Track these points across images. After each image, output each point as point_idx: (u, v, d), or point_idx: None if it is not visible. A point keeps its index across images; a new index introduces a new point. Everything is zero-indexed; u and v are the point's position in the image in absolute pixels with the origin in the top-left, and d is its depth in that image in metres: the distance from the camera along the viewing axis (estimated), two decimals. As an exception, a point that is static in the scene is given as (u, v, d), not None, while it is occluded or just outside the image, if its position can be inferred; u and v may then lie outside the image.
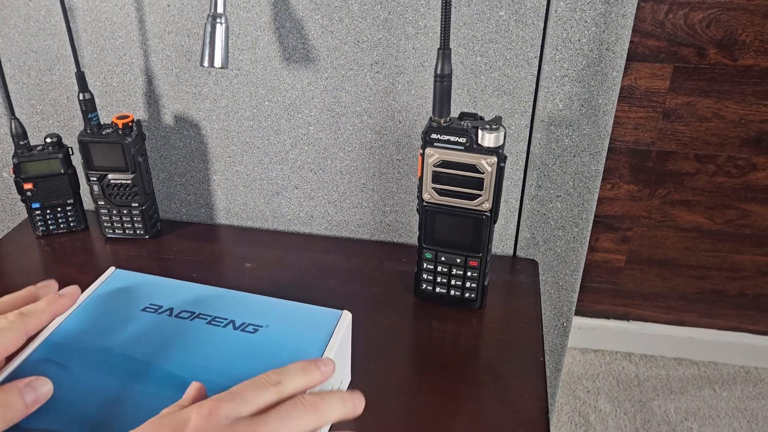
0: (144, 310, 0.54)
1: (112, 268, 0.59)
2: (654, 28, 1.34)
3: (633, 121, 1.45)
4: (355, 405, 0.44)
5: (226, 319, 0.53)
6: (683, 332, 1.75)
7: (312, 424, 0.40)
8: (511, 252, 0.81)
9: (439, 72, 0.58)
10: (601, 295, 1.73)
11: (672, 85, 1.40)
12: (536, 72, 0.70)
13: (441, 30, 0.56)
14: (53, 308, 0.46)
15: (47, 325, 0.46)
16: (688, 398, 1.65)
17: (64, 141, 0.80)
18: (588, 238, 0.79)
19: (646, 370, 1.73)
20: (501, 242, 0.81)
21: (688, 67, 1.37)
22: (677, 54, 1.36)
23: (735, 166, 1.48)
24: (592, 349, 1.80)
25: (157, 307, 0.54)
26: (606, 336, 1.78)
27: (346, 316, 0.54)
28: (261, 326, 0.52)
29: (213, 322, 0.53)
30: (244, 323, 0.53)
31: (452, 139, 0.60)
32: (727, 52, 1.35)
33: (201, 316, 0.53)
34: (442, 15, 0.56)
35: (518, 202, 0.78)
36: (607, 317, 1.77)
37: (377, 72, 0.73)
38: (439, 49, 0.57)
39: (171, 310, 0.54)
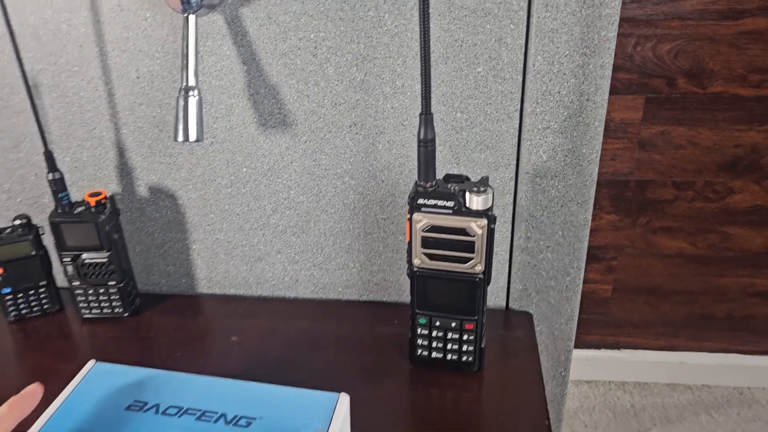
0: (128, 408, 0.51)
1: (92, 361, 0.56)
2: (624, 61, 1.35)
3: (609, 152, 1.46)
4: None
5: (217, 413, 0.50)
6: (674, 357, 1.74)
7: None
8: (503, 305, 0.79)
9: (422, 137, 0.57)
10: (591, 325, 1.72)
11: (645, 115, 1.41)
12: (518, 125, 0.69)
13: (422, 95, 0.55)
14: (16, 413, 0.44)
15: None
16: (686, 425, 1.63)
17: (34, 220, 0.77)
18: (581, 287, 0.78)
19: (641, 399, 1.72)
20: (493, 295, 0.79)
21: (659, 97, 1.39)
22: (648, 85, 1.38)
23: (713, 190, 1.49)
24: (586, 381, 1.78)
25: (142, 404, 0.51)
26: (598, 366, 1.76)
27: (344, 399, 0.51)
28: (255, 418, 0.49)
29: (203, 418, 0.50)
30: (236, 416, 0.50)
31: (440, 203, 0.59)
32: (696, 80, 1.36)
33: (189, 411, 0.50)
34: (422, 80, 0.54)
35: (508, 255, 0.76)
36: (598, 347, 1.76)
37: (356, 133, 0.71)
38: (420, 114, 0.56)
39: (157, 406, 0.51)
